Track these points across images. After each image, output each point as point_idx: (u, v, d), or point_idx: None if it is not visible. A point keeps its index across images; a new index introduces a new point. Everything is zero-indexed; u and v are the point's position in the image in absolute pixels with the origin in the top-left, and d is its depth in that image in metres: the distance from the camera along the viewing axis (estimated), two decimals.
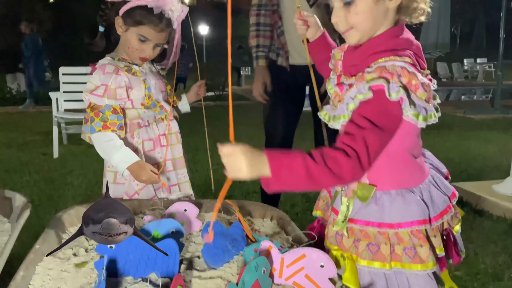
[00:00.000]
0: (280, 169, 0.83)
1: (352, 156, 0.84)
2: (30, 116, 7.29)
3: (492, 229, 2.32)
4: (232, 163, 0.85)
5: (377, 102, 0.86)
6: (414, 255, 0.93)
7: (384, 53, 0.91)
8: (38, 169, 3.74)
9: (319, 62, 1.25)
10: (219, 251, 0.99)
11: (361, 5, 0.91)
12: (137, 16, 1.37)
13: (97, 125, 1.37)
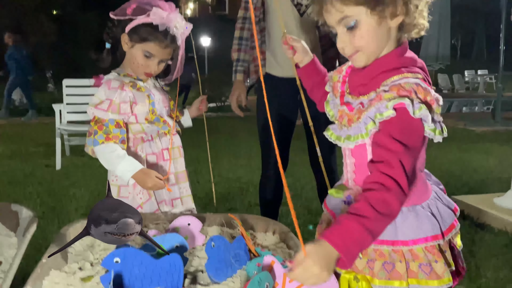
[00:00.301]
0: (347, 247, 0.81)
1: (393, 187, 0.84)
2: (32, 127, 7.33)
3: (494, 243, 2.32)
4: (308, 276, 0.80)
5: (401, 120, 0.88)
6: (430, 271, 0.95)
7: (395, 71, 0.93)
8: (41, 181, 3.76)
9: (310, 87, 1.25)
10: (223, 266, 1.01)
11: (365, 28, 0.92)
12: (142, 33, 1.41)
13: (100, 138, 1.39)
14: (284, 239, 1.23)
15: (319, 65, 1.24)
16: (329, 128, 1.06)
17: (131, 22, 1.42)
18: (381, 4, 0.90)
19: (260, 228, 1.32)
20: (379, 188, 0.85)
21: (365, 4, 0.90)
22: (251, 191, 3.42)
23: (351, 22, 0.92)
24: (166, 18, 1.39)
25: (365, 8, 0.91)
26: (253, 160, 4.54)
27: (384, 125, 0.91)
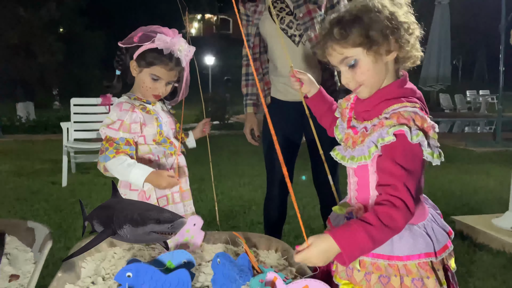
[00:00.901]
0: (349, 246, 0.93)
1: (401, 206, 0.94)
2: (39, 144, 7.43)
3: (492, 263, 2.35)
4: (309, 261, 0.97)
5: (401, 146, 0.97)
6: (422, 286, 1.01)
7: (395, 100, 1.02)
8: (47, 198, 3.83)
9: (319, 115, 1.35)
10: (228, 281, 1.06)
11: (364, 65, 1.04)
12: (149, 58, 1.50)
13: (110, 153, 1.46)
14: (286, 256, 1.29)
15: (325, 95, 1.35)
16: (335, 149, 1.16)
17: (138, 49, 1.52)
18: (375, 44, 1.01)
19: (263, 246, 1.38)
20: (388, 205, 0.95)
21: (361, 45, 1.02)
22: (254, 209, 3.47)
23: (351, 61, 1.04)
24: (170, 43, 1.50)
25: (361, 48, 1.02)
26: (255, 178, 4.60)
27: (386, 150, 1.00)
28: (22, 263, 1.16)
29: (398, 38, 1.02)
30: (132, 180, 1.46)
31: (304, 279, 1.00)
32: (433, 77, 7.12)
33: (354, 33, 1.01)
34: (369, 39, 1.01)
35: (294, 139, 2.11)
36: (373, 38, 1.01)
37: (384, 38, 1.01)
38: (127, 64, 1.56)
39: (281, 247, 1.34)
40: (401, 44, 1.03)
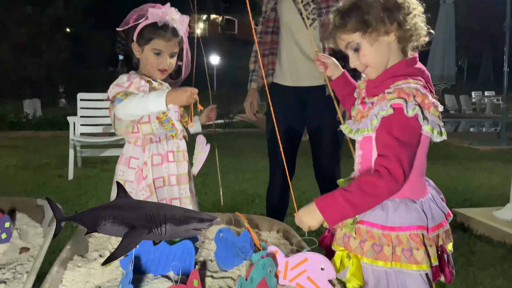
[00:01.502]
0: (328, 211, 1.06)
1: (385, 174, 1.01)
2: (45, 140, 7.52)
3: (492, 254, 2.38)
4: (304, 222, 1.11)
5: (398, 118, 1.03)
6: (410, 256, 1.06)
7: (401, 77, 1.08)
8: (54, 190, 3.88)
9: (342, 97, 1.41)
10: (230, 256, 1.10)
11: (364, 48, 1.12)
12: (146, 34, 1.55)
13: (121, 97, 1.47)
14: (287, 237, 1.32)
15: (348, 78, 1.40)
16: (346, 123, 1.21)
17: (136, 29, 1.56)
18: (370, 27, 1.09)
19: (265, 227, 1.42)
20: (373, 173, 1.04)
21: (358, 30, 1.10)
22: (257, 202, 3.51)
23: (355, 45, 1.13)
24: (162, 14, 1.54)
25: (359, 33, 1.10)
26: (259, 174, 4.63)
27: (383, 122, 1.06)
28: (32, 237, 1.20)
29: (395, 19, 1.08)
30: (152, 107, 1.44)
31: (303, 252, 1.04)
32: (437, 76, 7.12)
33: (351, 20, 1.10)
34: (364, 23, 1.08)
35: (296, 124, 2.14)
36: (368, 23, 1.08)
37: (379, 21, 1.08)
38: (129, 48, 1.60)
39: (282, 228, 1.38)
40: (399, 25, 1.08)
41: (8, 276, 0.99)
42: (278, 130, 2.12)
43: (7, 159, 5.44)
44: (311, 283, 1.00)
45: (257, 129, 10.52)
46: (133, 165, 1.58)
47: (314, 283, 1.00)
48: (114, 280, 0.99)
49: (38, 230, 1.24)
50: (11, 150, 6.33)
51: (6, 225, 1.17)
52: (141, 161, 1.58)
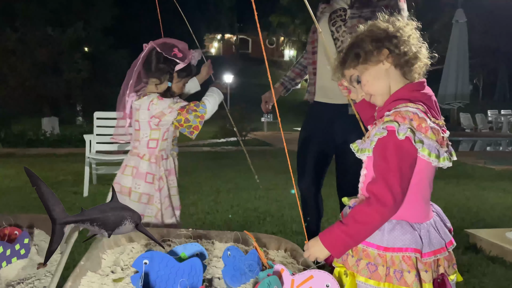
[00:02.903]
0: (331, 245, 1.12)
1: (373, 201, 1.06)
2: (62, 158, 7.68)
3: (504, 276, 2.34)
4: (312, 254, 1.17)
5: (391, 140, 1.07)
6: (401, 277, 1.08)
7: (401, 101, 1.12)
8: (70, 207, 3.96)
9: (365, 119, 1.44)
10: (237, 274, 1.14)
11: (364, 78, 1.21)
12: (188, 71, 1.89)
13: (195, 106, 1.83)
14: (295, 256, 1.35)
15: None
16: (355, 142, 1.26)
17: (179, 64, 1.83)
18: (365, 60, 1.18)
19: (273, 246, 1.44)
20: (364, 202, 1.10)
21: (353, 64, 1.20)
22: (268, 220, 3.52)
23: (356, 77, 1.23)
24: (193, 57, 1.87)
25: (357, 67, 1.20)
26: (271, 192, 4.65)
27: (377, 144, 1.11)
28: None
29: (386, 48, 1.15)
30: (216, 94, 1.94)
31: (309, 270, 1.07)
32: (451, 95, 7.09)
33: (348, 56, 1.21)
34: (357, 57, 1.19)
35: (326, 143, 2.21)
36: (359, 56, 1.18)
37: (368, 53, 1.17)
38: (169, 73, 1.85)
39: (290, 247, 1.40)
40: (391, 52, 1.15)
41: None
42: (309, 146, 2.23)
43: (24, 176, 5.55)
44: None
45: (272, 147, 10.55)
46: (149, 179, 1.83)
47: None
48: None
49: None
50: (29, 166, 6.47)
51: (25, 241, 1.22)
52: (157, 176, 1.84)
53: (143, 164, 1.82)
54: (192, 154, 8.22)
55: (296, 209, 3.83)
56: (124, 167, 1.86)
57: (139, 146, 1.85)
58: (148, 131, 1.82)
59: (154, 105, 1.76)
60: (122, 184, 1.84)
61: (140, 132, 1.83)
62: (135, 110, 1.83)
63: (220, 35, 42.04)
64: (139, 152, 1.84)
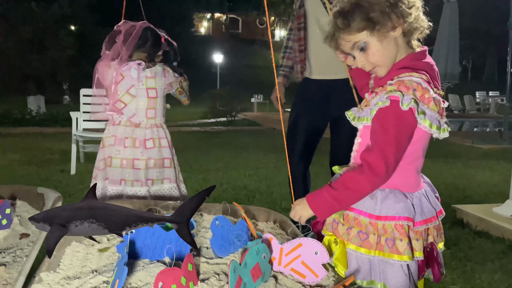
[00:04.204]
0: (317, 206, 1.12)
1: (365, 169, 1.03)
2: (49, 137, 7.56)
3: (491, 249, 2.38)
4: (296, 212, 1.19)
5: (392, 111, 1.02)
6: (393, 245, 1.07)
7: (405, 70, 1.07)
8: (57, 185, 3.91)
9: (360, 86, 1.38)
10: (226, 243, 1.12)
11: (373, 47, 1.08)
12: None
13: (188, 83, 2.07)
14: (284, 227, 1.33)
15: None
16: (351, 110, 1.22)
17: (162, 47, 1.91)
18: (377, 24, 1.06)
19: (262, 217, 1.43)
20: (356, 169, 1.08)
21: (365, 28, 1.07)
22: (258, 198, 3.52)
23: (361, 44, 1.09)
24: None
25: (366, 31, 1.07)
26: (260, 170, 4.65)
27: (378, 113, 1.06)
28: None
29: (399, 13, 1.05)
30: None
31: (297, 238, 1.05)
32: (441, 74, 6.99)
33: (356, 19, 1.06)
34: (371, 21, 1.05)
35: (319, 119, 2.20)
36: (374, 20, 1.05)
37: (385, 17, 1.05)
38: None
39: (279, 219, 1.39)
40: (404, 18, 1.06)
41: (8, 259, 1.02)
42: (300, 123, 2.22)
43: (11, 154, 5.49)
44: (306, 268, 1.01)
45: (261, 127, 10.53)
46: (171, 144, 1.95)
47: (308, 267, 1.01)
48: (111, 265, 1.01)
49: None
50: (14, 145, 6.37)
51: (7, 211, 1.19)
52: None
53: (167, 133, 1.93)
54: (181, 134, 8.16)
55: (285, 187, 3.83)
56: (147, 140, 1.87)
57: (157, 115, 1.90)
58: (163, 100, 1.94)
59: (168, 72, 1.88)
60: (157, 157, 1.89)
61: (157, 100, 1.89)
62: (143, 78, 1.81)
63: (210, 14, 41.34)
64: (157, 123, 1.91)
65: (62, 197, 1.25)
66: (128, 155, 1.81)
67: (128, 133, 1.83)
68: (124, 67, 1.83)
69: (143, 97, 1.83)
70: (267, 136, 8.24)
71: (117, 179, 1.81)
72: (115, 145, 1.82)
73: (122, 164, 1.81)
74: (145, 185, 1.82)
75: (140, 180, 1.81)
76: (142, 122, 1.83)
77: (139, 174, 1.81)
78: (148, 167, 1.82)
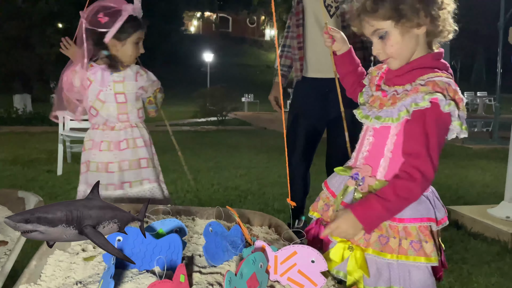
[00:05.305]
0: (367, 219, 1.04)
1: (418, 177, 1.00)
2: (36, 136, 7.41)
3: (486, 251, 2.36)
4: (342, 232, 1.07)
5: (434, 113, 1.00)
6: (419, 248, 1.04)
7: (430, 70, 1.05)
8: (43, 185, 3.81)
9: (343, 74, 1.37)
10: (219, 251, 1.05)
11: (393, 38, 1.07)
12: (128, 28, 1.70)
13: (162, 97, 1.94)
14: (279, 232, 1.28)
15: (354, 56, 1.36)
16: (359, 108, 1.18)
17: (113, 27, 1.67)
18: (404, 17, 1.04)
19: (257, 222, 1.37)
20: (406, 177, 1.01)
21: (391, 18, 1.05)
22: (250, 199, 3.46)
23: (382, 33, 1.08)
24: (135, 6, 1.72)
25: (391, 21, 1.05)
26: (252, 170, 4.59)
27: (417, 115, 1.02)
28: (11, 230, 1.15)
29: (428, 12, 1.04)
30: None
31: (292, 245, 1.00)
32: None
33: (385, 6, 1.04)
34: (398, 12, 1.03)
35: (318, 119, 2.15)
36: (402, 12, 1.03)
37: (413, 12, 1.03)
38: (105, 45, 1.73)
39: (274, 223, 1.34)
40: (432, 18, 1.05)
41: None
42: (299, 123, 2.16)
43: None
44: (303, 277, 0.96)
45: (252, 127, 10.47)
46: (148, 144, 1.84)
47: (306, 276, 0.95)
48: (96, 276, 0.94)
49: None
50: (0, 144, 6.23)
51: None
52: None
53: (144, 132, 1.84)
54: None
55: (277, 187, 3.78)
56: (119, 143, 1.77)
57: (130, 117, 1.80)
58: (135, 102, 1.81)
59: (141, 76, 1.76)
60: (132, 158, 1.79)
61: (127, 105, 1.78)
62: (111, 83, 1.72)
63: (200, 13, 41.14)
64: (132, 123, 1.81)
65: (43, 201, 1.18)
66: (103, 158, 1.75)
67: (104, 136, 1.77)
68: (90, 71, 1.73)
69: (112, 102, 1.74)
70: (258, 135, 8.19)
71: (94, 183, 1.74)
72: (92, 149, 1.76)
73: (98, 168, 1.74)
74: (120, 188, 1.74)
75: (113, 183, 1.73)
76: (116, 125, 1.76)
77: (112, 178, 1.74)
78: (122, 169, 1.74)
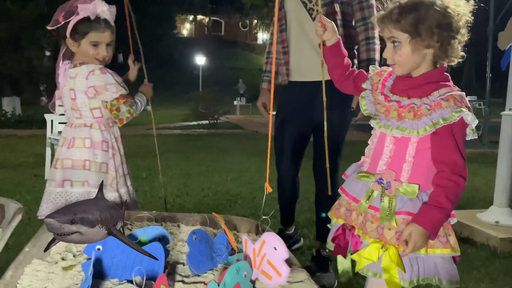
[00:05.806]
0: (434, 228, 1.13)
1: (461, 182, 1.14)
2: (24, 139, 7.32)
3: (476, 256, 2.35)
4: (419, 246, 1.14)
5: (461, 125, 1.12)
6: (446, 242, 1.17)
7: (442, 84, 1.16)
8: (30, 190, 3.75)
9: (331, 65, 1.41)
10: (204, 259, 1.03)
11: (404, 50, 1.17)
12: (82, 29, 1.64)
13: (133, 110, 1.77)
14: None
15: (342, 48, 1.40)
16: (376, 118, 1.26)
17: (68, 26, 1.63)
18: (419, 36, 1.14)
19: (243, 228, 1.35)
20: (453, 184, 1.13)
21: (408, 33, 1.15)
22: (240, 203, 3.43)
23: (396, 42, 1.18)
24: (93, 8, 1.63)
25: (407, 35, 1.15)
26: (243, 174, 4.56)
27: (447, 129, 1.12)
28: None
29: (441, 39, 1.14)
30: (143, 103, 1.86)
31: (263, 235, 0.98)
32: None
33: (407, 20, 1.14)
34: (416, 30, 1.13)
35: (304, 123, 2.13)
36: (419, 31, 1.13)
37: (429, 34, 1.13)
38: (59, 44, 1.71)
39: (262, 229, 1.31)
40: (442, 44, 1.15)
41: None
42: (286, 128, 2.14)
43: None
44: (271, 267, 0.93)
45: (243, 130, 10.45)
46: (105, 147, 1.73)
47: (273, 266, 0.93)
48: (75, 286, 0.91)
49: None
50: None
51: None
52: (110, 144, 1.76)
53: (95, 133, 1.72)
54: (162, 137, 8.00)
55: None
56: (71, 140, 1.71)
57: (82, 115, 1.71)
58: (86, 100, 1.69)
59: (94, 76, 1.65)
60: (75, 158, 1.70)
61: (77, 101, 1.69)
62: (68, 78, 1.69)
63: (192, 16, 41.10)
64: (86, 122, 1.71)
65: (23, 208, 1.14)
66: (57, 154, 1.74)
67: (64, 132, 1.76)
68: (61, 65, 1.73)
69: (67, 97, 1.72)
70: (249, 139, 8.16)
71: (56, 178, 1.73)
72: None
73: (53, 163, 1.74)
74: (60, 186, 1.70)
75: (55, 180, 1.70)
76: (73, 123, 1.74)
77: (55, 174, 1.70)
78: (64, 167, 1.70)
